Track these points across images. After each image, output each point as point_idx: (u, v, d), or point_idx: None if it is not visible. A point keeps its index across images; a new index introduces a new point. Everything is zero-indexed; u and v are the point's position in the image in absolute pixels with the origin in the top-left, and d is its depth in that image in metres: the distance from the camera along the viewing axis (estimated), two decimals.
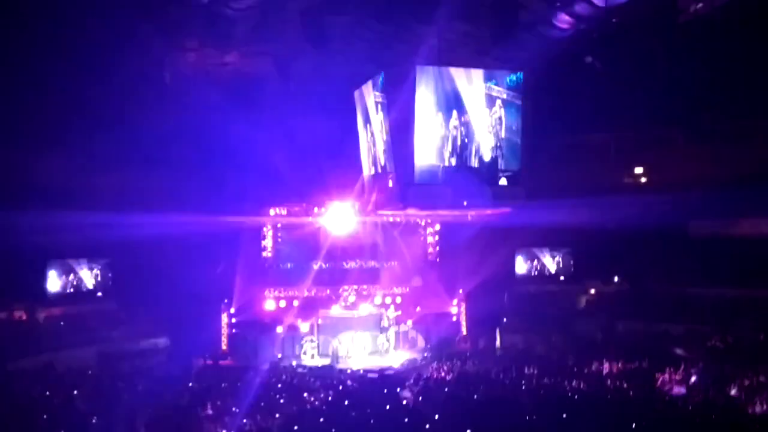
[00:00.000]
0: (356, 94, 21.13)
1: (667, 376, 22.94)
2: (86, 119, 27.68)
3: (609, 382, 23.27)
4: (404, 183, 18.56)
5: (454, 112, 19.32)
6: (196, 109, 28.46)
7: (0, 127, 25.95)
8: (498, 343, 32.12)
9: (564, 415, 18.60)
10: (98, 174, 30.52)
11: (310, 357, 30.85)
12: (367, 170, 22.55)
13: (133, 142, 29.39)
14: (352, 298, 33.03)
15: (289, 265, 33.13)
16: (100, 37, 21.80)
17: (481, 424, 17.56)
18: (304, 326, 31.75)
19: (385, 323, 32.58)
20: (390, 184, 19.57)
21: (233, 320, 31.16)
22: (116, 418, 18.83)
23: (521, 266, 35.78)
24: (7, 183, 27.66)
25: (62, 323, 29.03)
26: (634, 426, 17.72)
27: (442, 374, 26.35)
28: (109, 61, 23.46)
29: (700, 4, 19.79)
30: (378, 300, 33.56)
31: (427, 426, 18.06)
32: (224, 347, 30.76)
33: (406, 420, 18.80)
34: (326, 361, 30.09)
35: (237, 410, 19.40)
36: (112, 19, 20.68)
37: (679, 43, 23.87)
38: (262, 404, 20.22)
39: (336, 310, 32.36)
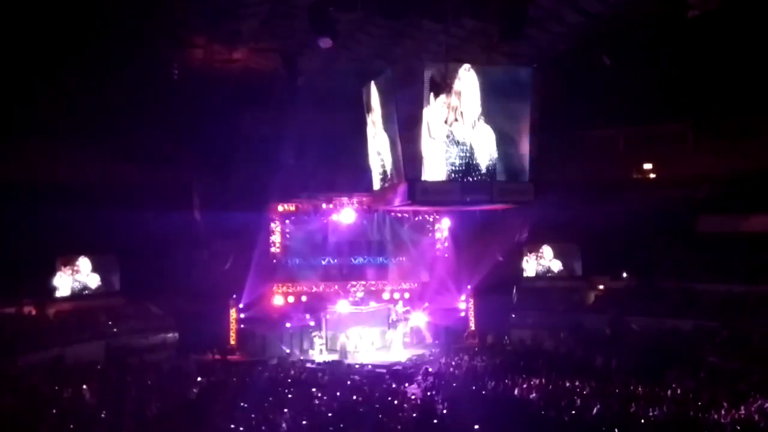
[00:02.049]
0: (364, 90, 21.08)
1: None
2: (94, 116, 27.85)
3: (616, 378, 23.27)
4: (412, 179, 18.52)
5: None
6: (203, 106, 28.56)
7: (8, 125, 26.13)
8: (506, 338, 32.09)
9: (573, 411, 18.65)
10: (106, 170, 30.73)
11: (319, 352, 30.89)
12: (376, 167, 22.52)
13: (141, 138, 29.55)
14: (360, 294, 33.05)
15: (297, 261, 33.19)
16: (107, 34, 21.88)
17: (490, 420, 17.57)
18: (312, 321, 31.82)
19: (393, 318, 32.63)
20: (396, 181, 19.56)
21: (242, 315, 31.22)
22: (125, 413, 18.92)
23: (529, 262, 35.71)
24: (16, 179, 27.86)
25: (71, 318, 29.14)
26: (642, 422, 17.80)
27: (451, 369, 26.36)
28: (117, 58, 23.57)
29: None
30: (386, 295, 33.58)
31: (435, 421, 18.09)
32: (233, 342, 30.83)
33: (414, 415, 18.84)
34: (334, 357, 30.11)
35: (245, 405, 19.46)
36: (120, 16, 20.75)
37: (687, 37, 23.81)
38: (271, 399, 20.27)
39: (344, 306, 32.38)
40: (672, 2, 20.36)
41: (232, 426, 17.41)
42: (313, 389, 22.00)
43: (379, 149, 20.15)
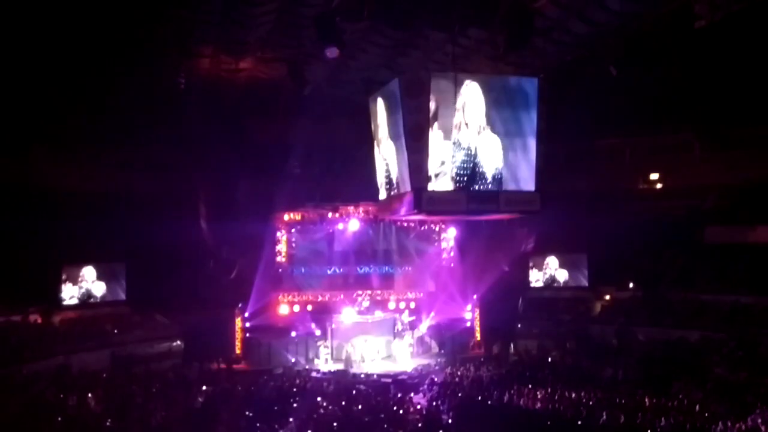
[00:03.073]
0: (370, 100, 21.14)
1: None
2: (100, 126, 28.00)
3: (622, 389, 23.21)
4: (418, 188, 18.53)
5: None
6: (209, 115, 28.68)
7: (17, 133, 26.28)
8: (512, 348, 32.03)
9: (579, 422, 18.61)
10: (113, 179, 30.86)
11: (324, 361, 30.87)
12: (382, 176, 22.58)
13: (147, 147, 29.69)
14: (366, 303, 33.03)
15: (303, 270, 33.23)
16: (115, 45, 21.99)
17: (495, 430, 17.56)
18: (317, 331, 31.83)
19: (398, 328, 32.62)
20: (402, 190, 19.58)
21: (247, 324, 31.23)
22: (130, 421, 18.94)
23: (535, 272, 35.65)
24: (24, 187, 27.97)
25: (77, 326, 29.17)
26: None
27: (456, 379, 26.33)
28: (125, 68, 23.69)
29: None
30: (392, 305, 33.56)
31: (441, 431, 18.08)
32: (238, 351, 30.82)
33: (419, 425, 18.83)
34: (340, 366, 30.09)
35: (251, 414, 19.46)
36: (128, 26, 20.85)
37: (694, 48, 23.83)
38: (276, 408, 20.28)
39: (350, 315, 32.36)
40: (679, 13, 20.37)
41: None
42: (319, 398, 22.01)
43: (386, 158, 20.17)
